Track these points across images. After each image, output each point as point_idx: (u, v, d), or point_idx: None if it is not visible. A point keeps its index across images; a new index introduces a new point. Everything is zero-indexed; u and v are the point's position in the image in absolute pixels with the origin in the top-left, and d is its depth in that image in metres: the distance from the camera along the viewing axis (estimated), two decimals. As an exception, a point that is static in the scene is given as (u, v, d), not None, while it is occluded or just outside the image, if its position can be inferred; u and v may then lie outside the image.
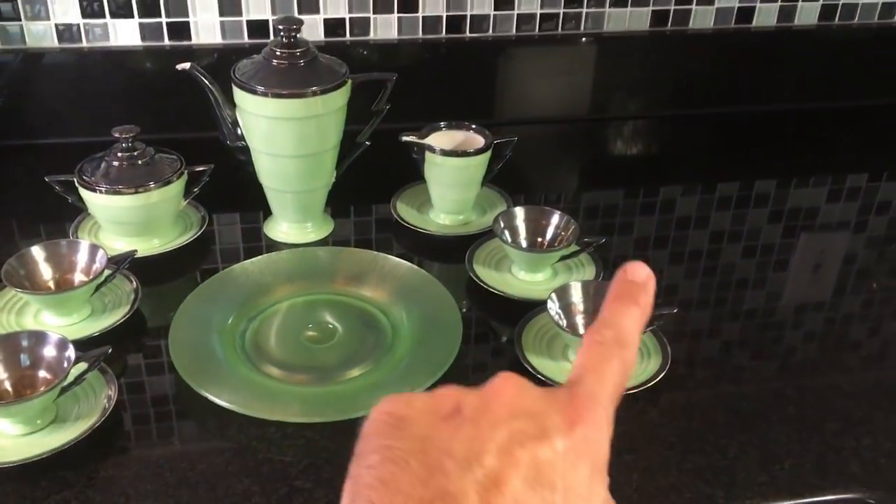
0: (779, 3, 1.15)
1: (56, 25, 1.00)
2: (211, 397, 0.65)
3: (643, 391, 0.68)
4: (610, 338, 0.35)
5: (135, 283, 0.78)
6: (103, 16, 1.00)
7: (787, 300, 0.84)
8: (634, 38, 1.14)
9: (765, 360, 0.75)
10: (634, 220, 0.98)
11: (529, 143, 1.10)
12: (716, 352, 0.77)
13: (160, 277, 0.82)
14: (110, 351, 0.66)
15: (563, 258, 0.82)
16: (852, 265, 0.91)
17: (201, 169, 0.87)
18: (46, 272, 0.74)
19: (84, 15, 1.00)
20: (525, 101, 1.14)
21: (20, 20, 0.99)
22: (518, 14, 1.09)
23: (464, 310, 0.78)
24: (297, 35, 0.80)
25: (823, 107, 1.21)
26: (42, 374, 0.64)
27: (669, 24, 1.14)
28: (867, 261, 0.92)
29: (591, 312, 0.72)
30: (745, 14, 1.15)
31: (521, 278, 0.81)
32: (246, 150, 0.84)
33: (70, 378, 0.64)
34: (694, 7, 1.13)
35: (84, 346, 0.68)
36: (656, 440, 0.65)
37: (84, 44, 1.02)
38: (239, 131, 0.83)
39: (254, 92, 0.78)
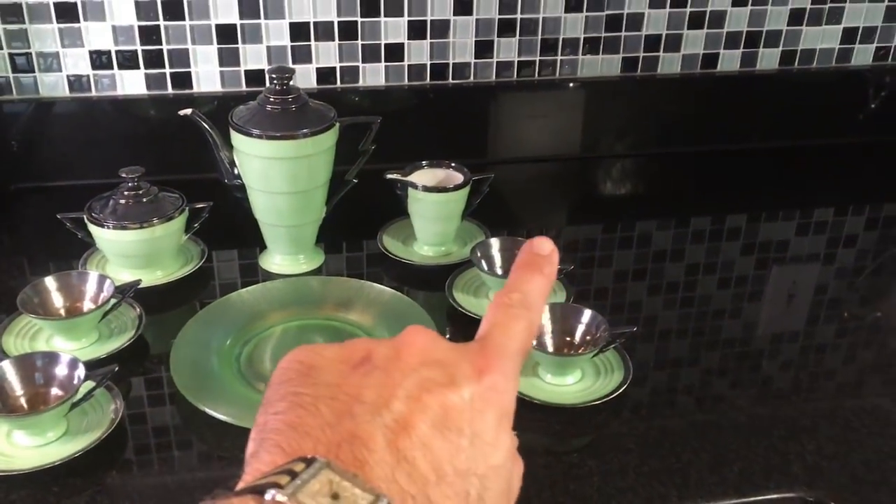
0: (741, 50, 1.23)
1: (68, 76, 1.08)
2: (209, 411, 0.71)
3: (605, 403, 0.74)
4: (517, 300, 0.36)
5: (139, 310, 0.84)
6: (111, 67, 1.08)
7: (760, 328, 0.90)
8: (607, 83, 1.22)
9: (720, 375, 0.81)
10: (613, 253, 1.04)
11: (513, 182, 1.18)
12: (675, 370, 0.83)
13: (162, 306, 0.88)
14: (117, 369, 0.72)
15: (536, 284, 0.88)
16: (823, 295, 0.96)
17: (201, 206, 0.94)
18: (58, 300, 0.81)
19: (94, 67, 1.08)
20: (505, 141, 1.22)
21: (34, 72, 1.07)
22: (497, 61, 1.18)
23: (447, 336, 0.84)
24: (289, 82, 0.88)
25: (788, 145, 1.29)
26: (54, 391, 0.70)
27: (639, 69, 1.22)
28: (838, 289, 0.98)
29: (560, 332, 0.78)
30: (710, 60, 1.23)
31: (497, 303, 0.88)
32: (242, 188, 0.91)
33: (80, 394, 0.70)
34: (661, 54, 1.22)
35: (92, 367, 0.73)
36: (616, 447, 0.71)
37: (93, 93, 1.10)
38: (236, 171, 0.90)
39: (249, 134, 0.86)
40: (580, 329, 0.78)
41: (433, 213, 0.95)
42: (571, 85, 1.21)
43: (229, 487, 0.29)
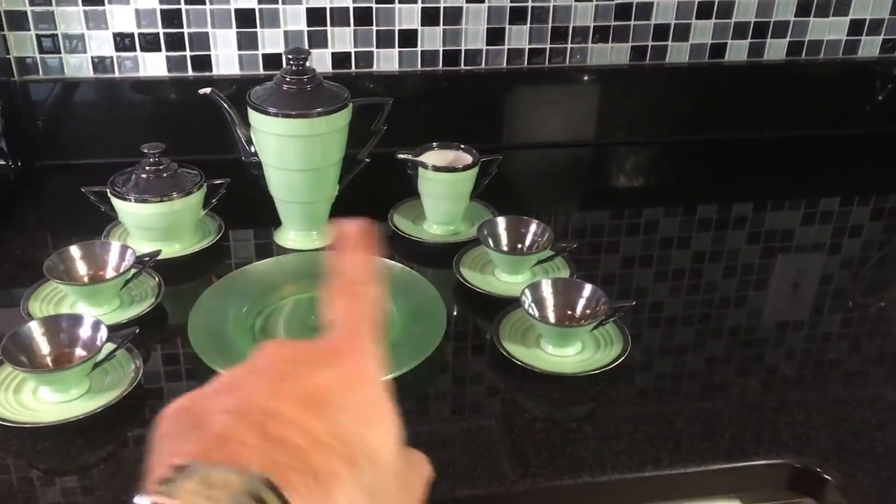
0: (748, 41, 1.25)
1: (92, 58, 1.12)
2: (223, 372, 0.74)
3: (604, 373, 0.77)
4: (348, 283, 0.38)
5: (158, 279, 0.87)
6: (134, 49, 1.12)
7: (765, 316, 0.91)
8: (616, 71, 1.24)
9: (722, 363, 0.83)
10: (620, 239, 1.07)
11: (524, 167, 1.21)
12: (672, 344, 0.85)
13: (180, 278, 0.92)
14: (137, 331, 0.75)
15: (540, 262, 0.92)
16: (828, 285, 0.97)
17: (219, 182, 0.97)
18: (82, 268, 0.85)
19: (117, 49, 1.12)
20: (515, 127, 1.25)
21: (60, 53, 1.11)
22: (508, 49, 1.20)
23: (452, 309, 0.87)
24: (305, 63, 0.91)
25: (795, 135, 1.31)
26: (78, 351, 0.74)
27: (647, 58, 1.25)
28: (843, 279, 1.00)
29: (561, 306, 0.81)
30: (718, 49, 1.25)
31: (502, 280, 0.91)
32: (259, 166, 0.94)
33: (102, 354, 0.73)
34: (670, 43, 1.24)
35: (114, 331, 0.77)
36: (613, 415, 0.74)
37: (116, 74, 1.13)
38: (252, 148, 0.93)
39: (266, 113, 0.89)
40: (581, 303, 0.81)
41: (443, 193, 0.98)
42: (581, 73, 1.23)
43: None
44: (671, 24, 1.23)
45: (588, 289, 0.81)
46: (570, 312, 0.81)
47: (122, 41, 1.12)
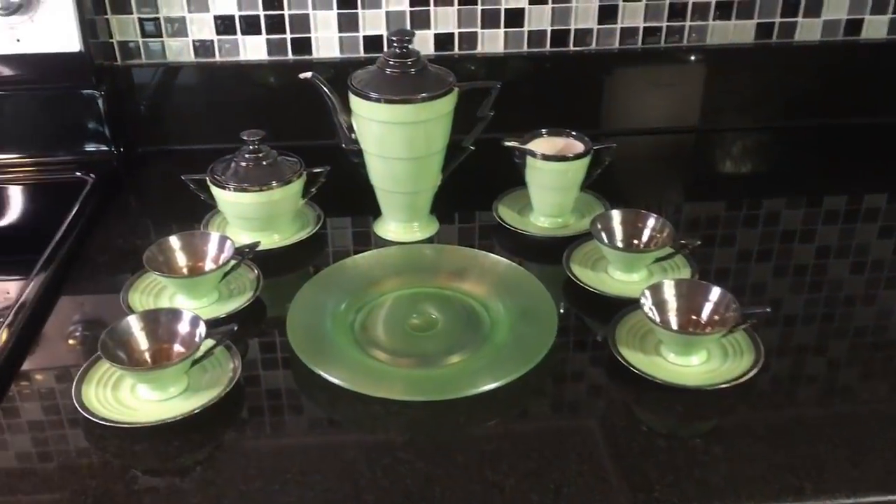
0: (889, 16, 1.14)
1: (193, 41, 1.10)
2: (323, 374, 0.70)
3: (734, 387, 0.70)
4: None
5: (257, 272, 0.85)
6: (234, 33, 1.10)
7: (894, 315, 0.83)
8: (738, 51, 1.15)
9: (859, 363, 0.75)
10: (736, 231, 0.99)
11: (630, 153, 1.13)
12: (810, 356, 0.77)
13: (279, 269, 0.89)
14: (236, 329, 0.73)
15: (658, 259, 0.85)
16: None
17: (318, 170, 0.94)
18: (181, 259, 0.83)
19: (218, 32, 1.10)
20: (627, 112, 1.17)
21: (161, 37, 1.10)
22: (622, 28, 1.13)
23: (560, 308, 0.82)
24: (409, 46, 0.86)
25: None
26: (177, 347, 0.71)
27: (775, 36, 1.15)
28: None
29: (685, 310, 0.74)
30: (854, 26, 1.14)
31: (616, 278, 0.84)
32: (359, 154, 0.90)
33: (200, 352, 0.71)
34: (800, 19, 1.14)
35: (212, 325, 0.74)
36: (745, 434, 0.67)
37: (217, 58, 1.11)
38: (353, 135, 0.89)
39: (368, 98, 0.85)
40: (708, 307, 0.74)
41: (552, 183, 0.92)
42: (700, 53, 1.14)
43: None
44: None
45: (716, 292, 0.73)
46: (694, 318, 0.74)
47: (223, 24, 1.09)
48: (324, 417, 0.71)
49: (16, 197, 1.06)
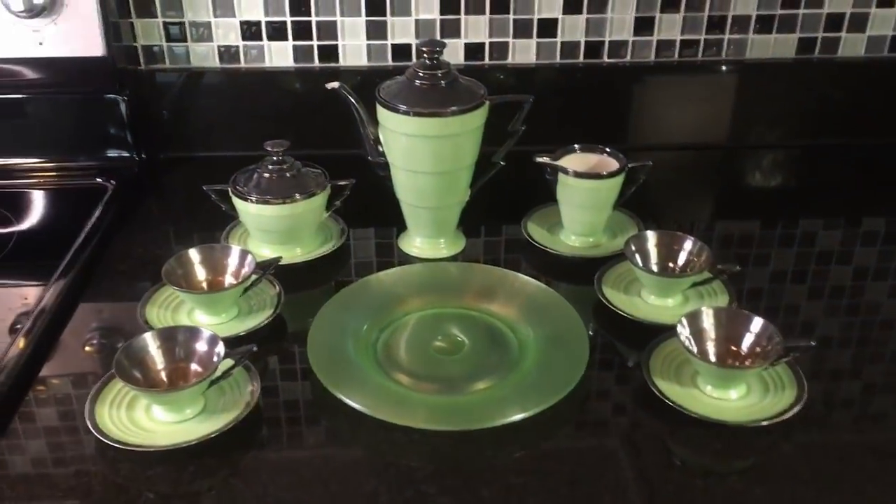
0: (938, 31, 1.10)
1: (218, 47, 1.08)
2: (344, 399, 0.68)
3: (776, 424, 0.66)
4: None
5: (278, 288, 0.82)
6: (260, 38, 1.07)
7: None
8: (778, 66, 1.11)
9: (910, 401, 0.72)
10: (771, 251, 0.95)
11: (664, 170, 1.09)
12: (856, 390, 0.73)
13: (301, 284, 0.86)
14: (255, 349, 0.70)
15: (695, 285, 0.81)
16: None
17: (343, 183, 0.91)
18: (200, 273, 0.80)
19: (243, 38, 1.07)
20: (661, 127, 1.14)
21: (186, 41, 1.08)
22: (658, 40, 1.09)
23: (590, 332, 0.78)
24: (440, 57, 0.84)
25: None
26: (194, 366, 0.69)
27: (817, 51, 1.11)
28: None
29: (723, 340, 0.71)
30: (900, 42, 1.10)
31: (650, 303, 0.81)
32: (386, 167, 0.88)
33: (218, 372, 0.68)
34: (844, 34, 1.10)
35: (231, 343, 0.72)
36: (788, 475, 0.63)
37: (242, 64, 1.09)
38: (380, 148, 0.87)
39: (396, 110, 0.82)
40: (748, 338, 0.70)
41: (584, 202, 0.89)
42: (738, 68, 1.10)
43: None
44: (846, 14, 1.08)
45: (758, 323, 0.70)
46: (733, 348, 0.71)
47: (249, 29, 1.07)
48: (344, 444, 0.68)
49: (36, 202, 1.05)
